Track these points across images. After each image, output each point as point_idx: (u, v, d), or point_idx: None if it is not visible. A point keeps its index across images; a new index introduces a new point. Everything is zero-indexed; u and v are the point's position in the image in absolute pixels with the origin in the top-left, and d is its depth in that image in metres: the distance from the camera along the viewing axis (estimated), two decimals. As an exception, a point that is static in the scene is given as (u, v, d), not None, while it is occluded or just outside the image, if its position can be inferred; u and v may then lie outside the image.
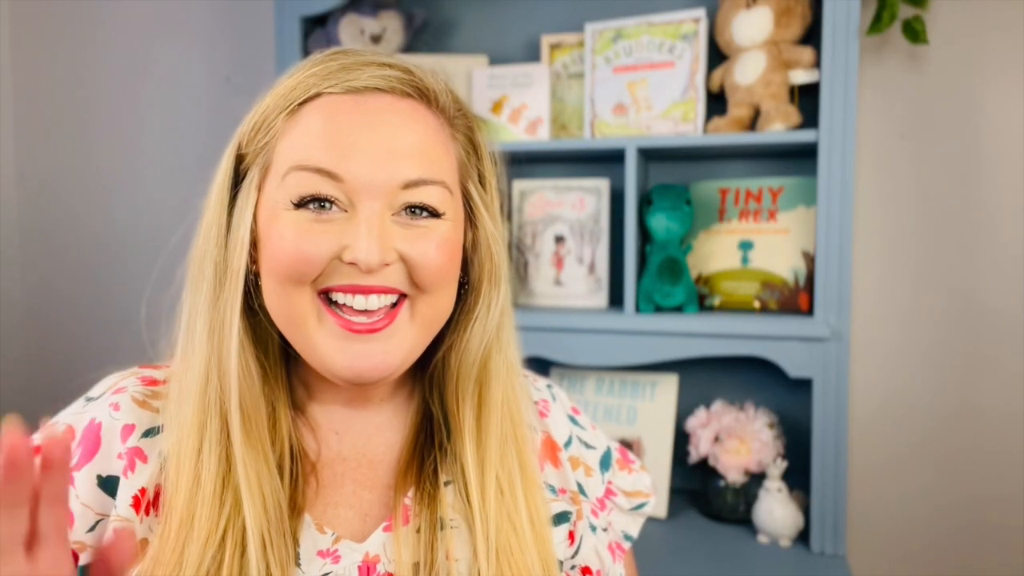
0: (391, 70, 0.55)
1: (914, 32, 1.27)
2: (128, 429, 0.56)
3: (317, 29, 1.47)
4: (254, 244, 0.56)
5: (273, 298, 0.55)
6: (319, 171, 0.52)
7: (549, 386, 0.74)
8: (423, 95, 0.57)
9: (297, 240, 0.52)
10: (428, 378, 0.64)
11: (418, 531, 0.58)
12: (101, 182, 1.83)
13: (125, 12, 1.78)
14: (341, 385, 0.58)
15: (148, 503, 0.55)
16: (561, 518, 0.64)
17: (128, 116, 1.80)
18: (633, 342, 1.29)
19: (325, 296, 0.54)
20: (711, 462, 1.32)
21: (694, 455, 1.34)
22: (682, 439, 1.42)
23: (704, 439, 1.32)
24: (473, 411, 0.61)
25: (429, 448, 0.62)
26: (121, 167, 1.81)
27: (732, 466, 1.29)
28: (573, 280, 1.43)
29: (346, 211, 0.53)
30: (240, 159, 0.57)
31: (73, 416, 0.58)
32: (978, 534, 1.36)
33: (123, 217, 1.80)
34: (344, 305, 0.54)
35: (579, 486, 0.67)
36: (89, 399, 0.59)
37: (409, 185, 0.54)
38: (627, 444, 1.39)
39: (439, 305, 0.57)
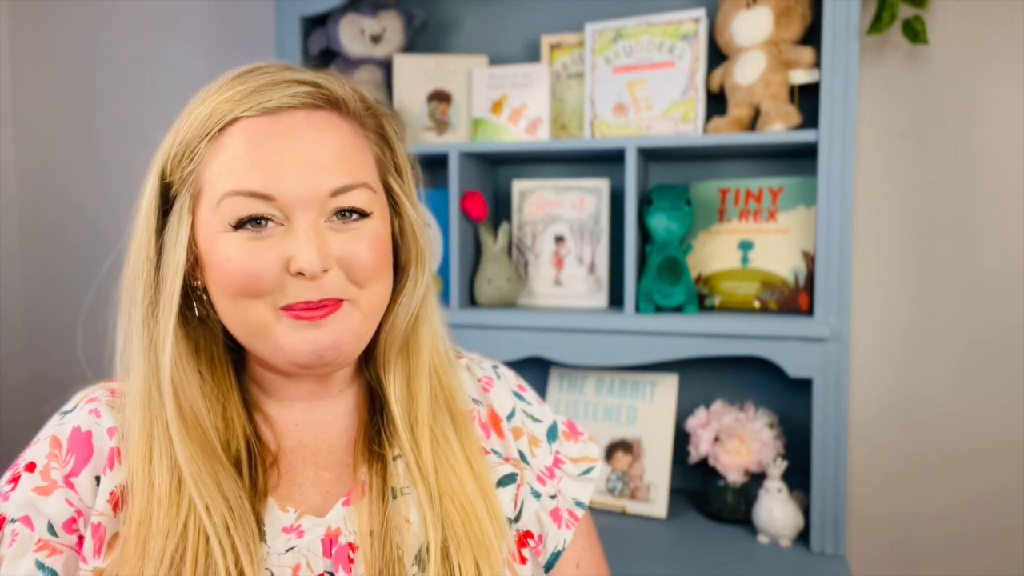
0: (301, 87, 0.59)
1: (914, 32, 1.27)
2: (111, 431, 0.61)
3: (317, 29, 1.47)
4: (196, 262, 0.60)
5: (229, 314, 0.60)
6: (253, 195, 0.57)
7: (495, 367, 0.79)
8: (333, 104, 0.61)
9: (244, 260, 0.57)
10: (364, 355, 0.69)
11: (373, 502, 0.63)
12: (101, 181, 1.83)
13: (125, 11, 1.78)
14: (305, 375, 0.64)
15: (119, 500, 0.59)
16: (508, 479, 0.70)
17: (128, 116, 1.80)
18: (633, 342, 1.29)
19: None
20: (711, 462, 1.32)
21: (694, 455, 1.34)
22: (682, 439, 1.42)
23: (704, 439, 1.32)
24: (403, 376, 0.67)
25: (377, 424, 0.67)
26: (121, 167, 1.80)
27: (732, 466, 1.29)
28: (573, 280, 1.43)
29: (282, 224, 0.58)
30: (167, 185, 0.61)
31: (54, 429, 0.62)
32: (978, 534, 1.35)
33: (123, 216, 1.80)
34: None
35: (520, 454, 0.72)
36: (64, 413, 0.63)
37: (336, 193, 0.58)
38: (627, 444, 1.39)
39: (378, 297, 0.62)
